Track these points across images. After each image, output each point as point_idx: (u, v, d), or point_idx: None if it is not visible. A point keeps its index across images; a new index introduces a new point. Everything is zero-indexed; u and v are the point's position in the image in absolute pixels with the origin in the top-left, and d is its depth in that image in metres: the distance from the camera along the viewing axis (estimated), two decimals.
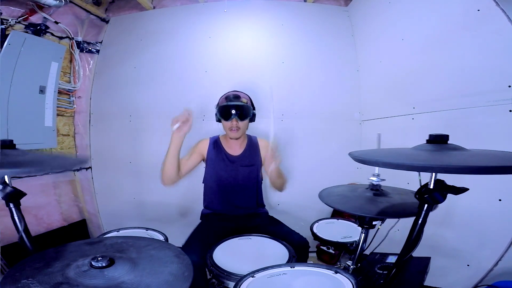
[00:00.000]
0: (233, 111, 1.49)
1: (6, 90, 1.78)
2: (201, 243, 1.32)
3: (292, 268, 0.96)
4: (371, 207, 0.96)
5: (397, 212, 0.94)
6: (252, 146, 1.64)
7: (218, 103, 1.58)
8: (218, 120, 1.58)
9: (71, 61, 2.29)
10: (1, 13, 1.73)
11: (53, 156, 1.11)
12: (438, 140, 0.78)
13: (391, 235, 1.07)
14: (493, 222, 1.25)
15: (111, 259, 0.67)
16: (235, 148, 1.62)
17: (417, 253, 0.82)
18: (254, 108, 1.60)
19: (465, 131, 1.36)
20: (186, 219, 2.28)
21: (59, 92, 2.17)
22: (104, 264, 0.65)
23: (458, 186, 0.72)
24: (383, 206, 0.96)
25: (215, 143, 1.63)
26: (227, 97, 1.53)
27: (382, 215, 0.93)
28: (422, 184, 0.77)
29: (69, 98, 2.31)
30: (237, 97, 1.53)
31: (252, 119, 1.60)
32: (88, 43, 2.39)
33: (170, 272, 0.66)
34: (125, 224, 1.52)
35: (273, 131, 1.43)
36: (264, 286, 0.87)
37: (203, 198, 1.66)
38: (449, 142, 0.79)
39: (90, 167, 2.44)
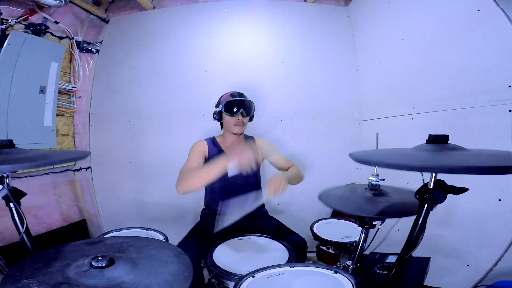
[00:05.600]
0: (240, 106, 1.52)
1: (6, 90, 1.78)
2: (197, 241, 1.32)
3: (292, 268, 0.96)
4: (371, 207, 0.96)
5: (397, 211, 0.94)
6: (249, 146, 1.63)
7: (219, 101, 1.59)
8: (217, 119, 1.59)
9: (71, 61, 2.29)
10: (1, 13, 1.73)
11: (53, 151, 1.11)
12: (438, 140, 0.78)
13: (391, 235, 1.07)
14: (493, 222, 1.25)
15: (111, 259, 0.67)
16: (233, 148, 1.60)
17: (417, 253, 0.82)
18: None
19: (465, 131, 1.36)
20: (186, 219, 2.28)
21: (59, 92, 2.17)
22: (104, 264, 0.65)
23: (458, 186, 0.72)
24: (382, 206, 0.96)
25: (213, 144, 1.61)
26: (232, 94, 1.57)
27: (382, 215, 0.93)
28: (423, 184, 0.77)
29: (69, 98, 2.30)
30: (242, 94, 1.58)
31: (252, 117, 1.63)
32: (88, 43, 2.38)
33: (170, 272, 0.66)
34: (125, 224, 1.52)
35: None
36: (264, 286, 0.87)
37: (204, 198, 1.65)
38: (449, 142, 0.79)
39: (90, 167, 2.43)
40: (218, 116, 1.58)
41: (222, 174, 1.22)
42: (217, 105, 1.60)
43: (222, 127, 1.64)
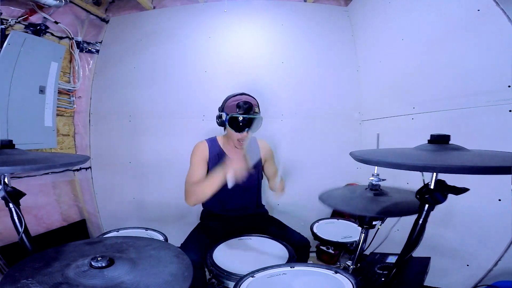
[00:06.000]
0: (246, 125, 1.40)
1: (6, 90, 1.77)
2: (200, 243, 1.32)
3: (292, 268, 0.96)
4: (372, 207, 0.96)
5: (398, 211, 0.94)
6: (252, 148, 1.60)
7: (223, 106, 1.47)
8: (221, 124, 1.49)
9: (71, 61, 2.29)
10: (1, 13, 1.73)
11: (54, 154, 1.12)
12: (439, 140, 0.78)
13: (391, 235, 1.07)
14: (493, 222, 1.25)
15: (111, 259, 0.67)
16: (235, 151, 1.55)
17: (417, 253, 0.82)
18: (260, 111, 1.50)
19: (465, 131, 1.36)
20: (185, 219, 2.28)
21: (59, 92, 2.17)
22: (104, 264, 0.65)
23: (458, 186, 0.72)
24: (384, 205, 0.95)
25: (214, 146, 1.55)
26: (238, 106, 1.38)
27: (383, 214, 0.93)
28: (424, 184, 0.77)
29: (69, 98, 2.30)
30: (249, 107, 1.39)
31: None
32: (88, 43, 2.38)
33: (170, 272, 0.66)
34: (124, 224, 1.52)
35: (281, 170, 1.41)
36: (264, 286, 0.87)
37: None
38: (449, 142, 0.79)
39: (90, 167, 2.43)
40: (222, 123, 1.48)
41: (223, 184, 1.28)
42: (220, 109, 1.49)
43: (225, 128, 1.53)
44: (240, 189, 1.52)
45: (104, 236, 1.36)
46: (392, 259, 1.10)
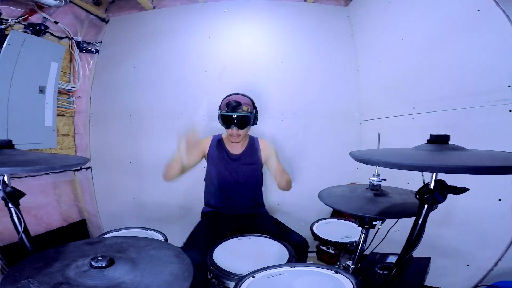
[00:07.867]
0: (232, 122, 1.50)
1: (6, 90, 1.77)
2: (203, 242, 1.32)
3: (292, 268, 0.96)
4: (371, 207, 0.96)
5: (398, 212, 0.94)
6: (253, 146, 1.67)
7: (220, 106, 1.57)
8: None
9: (70, 61, 2.29)
10: (1, 13, 1.73)
11: (54, 155, 1.12)
12: (438, 140, 0.78)
13: (391, 235, 1.07)
14: (493, 222, 1.25)
15: (111, 259, 0.67)
16: (236, 147, 1.64)
17: (417, 253, 0.82)
18: (256, 111, 1.59)
19: (465, 131, 1.36)
20: (186, 219, 2.28)
21: (59, 92, 2.17)
22: (104, 264, 0.65)
23: (458, 186, 0.72)
24: (383, 206, 0.95)
25: (218, 142, 1.65)
26: (228, 104, 1.50)
27: (382, 215, 0.93)
28: (424, 184, 0.77)
29: (69, 98, 2.30)
30: (238, 105, 1.49)
31: (254, 122, 1.58)
32: (88, 43, 2.38)
33: (170, 272, 0.66)
34: (125, 224, 1.52)
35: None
36: (264, 286, 0.87)
37: (204, 195, 1.68)
38: (449, 142, 0.79)
39: (90, 167, 2.43)
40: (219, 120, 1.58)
41: (216, 174, 1.43)
42: (218, 108, 1.58)
43: None
44: (238, 186, 1.56)
45: (104, 236, 1.36)
46: (392, 259, 1.10)
